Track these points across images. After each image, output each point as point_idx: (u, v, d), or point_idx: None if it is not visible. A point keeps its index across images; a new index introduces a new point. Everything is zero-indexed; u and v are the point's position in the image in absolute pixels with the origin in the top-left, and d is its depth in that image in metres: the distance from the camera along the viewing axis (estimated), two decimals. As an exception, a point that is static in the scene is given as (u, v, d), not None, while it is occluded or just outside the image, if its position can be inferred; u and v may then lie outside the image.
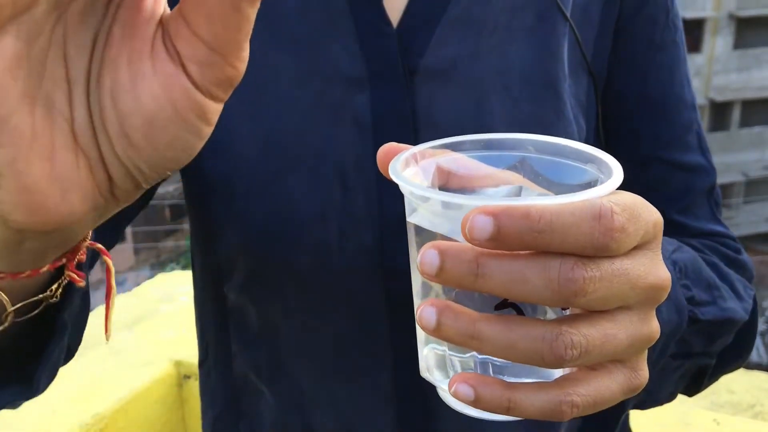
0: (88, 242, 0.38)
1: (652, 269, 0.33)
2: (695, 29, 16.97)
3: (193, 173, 0.63)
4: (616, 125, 0.68)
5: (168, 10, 0.32)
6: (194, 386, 1.33)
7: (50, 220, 0.31)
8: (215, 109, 0.32)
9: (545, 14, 0.64)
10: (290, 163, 0.60)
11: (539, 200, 0.31)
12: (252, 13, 0.30)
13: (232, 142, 0.61)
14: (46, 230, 0.31)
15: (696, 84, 17.28)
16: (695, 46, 17.10)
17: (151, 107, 0.30)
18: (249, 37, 0.31)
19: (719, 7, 16.83)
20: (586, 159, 0.38)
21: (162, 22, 0.31)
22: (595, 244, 0.30)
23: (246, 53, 0.31)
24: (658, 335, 0.35)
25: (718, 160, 18.08)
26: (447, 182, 0.40)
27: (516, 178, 0.40)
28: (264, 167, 0.60)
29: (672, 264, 0.57)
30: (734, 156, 17.91)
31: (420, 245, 0.36)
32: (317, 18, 0.61)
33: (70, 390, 1.25)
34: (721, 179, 18.49)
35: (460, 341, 0.32)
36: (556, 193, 0.38)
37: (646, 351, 0.36)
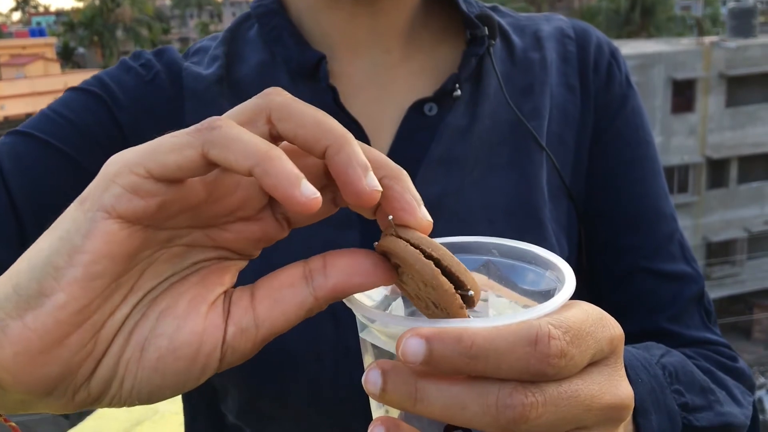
0: (2, 418, 0.39)
1: (609, 388, 0.33)
2: (687, 90, 17.25)
3: None
4: (598, 241, 0.69)
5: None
6: (194, 492, 1.30)
7: (31, 371, 0.32)
8: (212, 372, 0.35)
9: (522, 146, 0.66)
10: None
11: (475, 323, 0.31)
12: (301, 318, 0.36)
13: None
14: (9, 380, 0.32)
15: (691, 143, 17.44)
16: (688, 106, 17.34)
17: (183, 339, 0.34)
18: (282, 332, 0.36)
19: (709, 67, 17.15)
20: (546, 265, 0.38)
21: (228, 289, 0.37)
22: (531, 371, 0.30)
23: (264, 343, 0.36)
24: None
25: (719, 217, 18.14)
26: None
27: (482, 281, 0.40)
28: None
29: (661, 368, 0.56)
30: (735, 212, 17.94)
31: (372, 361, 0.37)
32: None
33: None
34: (723, 236, 18.36)
35: None
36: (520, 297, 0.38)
37: None
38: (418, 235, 0.34)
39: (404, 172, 0.36)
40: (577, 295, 0.68)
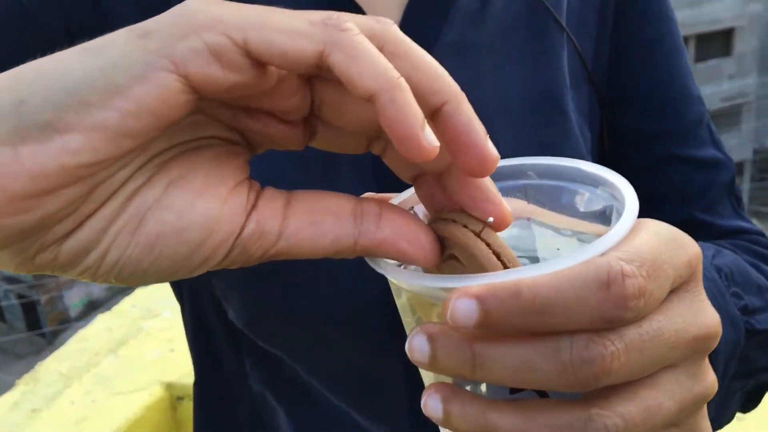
0: None
1: (694, 318, 0.28)
2: (645, -32, 16.96)
3: None
4: (623, 129, 0.65)
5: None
6: (188, 407, 1.29)
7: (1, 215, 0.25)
8: (209, 267, 0.29)
9: (541, 27, 0.60)
10: None
11: (531, 272, 0.26)
12: (326, 255, 0.31)
13: None
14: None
15: (650, 23, 17.29)
16: (646, -15, 17.10)
17: (195, 219, 0.28)
18: (296, 257, 0.31)
19: (666, -57, 16.83)
20: (596, 182, 0.32)
21: (252, 181, 0.31)
22: (606, 318, 0.25)
23: (270, 259, 0.31)
24: (715, 389, 0.30)
25: (677, 97, 18.20)
26: None
27: (521, 207, 0.35)
28: None
29: (717, 271, 0.52)
30: (693, 91, 18.04)
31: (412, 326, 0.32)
32: None
33: (61, 427, 1.21)
34: (681, 116, 18.79)
35: None
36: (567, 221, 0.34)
37: (705, 407, 0.31)
38: (494, 236, 0.30)
39: None
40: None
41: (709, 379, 0.29)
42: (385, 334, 0.56)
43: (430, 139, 0.27)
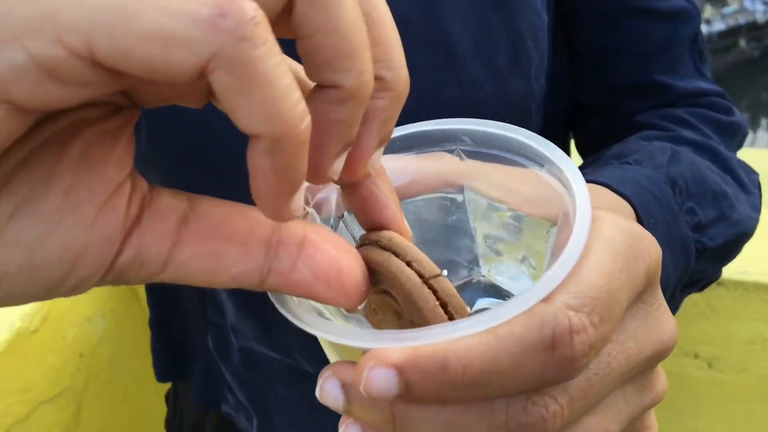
0: None
1: (649, 335, 0.24)
2: None
3: None
4: None
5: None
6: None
7: None
8: (74, 294, 0.22)
9: None
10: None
11: (459, 330, 0.21)
12: (224, 287, 0.24)
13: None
14: None
15: None
16: None
17: (50, 256, 0.20)
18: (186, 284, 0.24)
19: None
20: (540, 159, 0.27)
21: (136, 178, 0.23)
22: (549, 381, 0.21)
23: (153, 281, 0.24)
24: (665, 393, 0.26)
25: None
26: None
27: (453, 167, 0.29)
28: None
29: (671, 185, 0.48)
30: None
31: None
32: None
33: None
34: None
35: None
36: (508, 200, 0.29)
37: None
38: (443, 282, 0.24)
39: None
40: (552, 45, 0.58)
41: (659, 387, 0.26)
42: None
43: (293, 208, 0.21)
